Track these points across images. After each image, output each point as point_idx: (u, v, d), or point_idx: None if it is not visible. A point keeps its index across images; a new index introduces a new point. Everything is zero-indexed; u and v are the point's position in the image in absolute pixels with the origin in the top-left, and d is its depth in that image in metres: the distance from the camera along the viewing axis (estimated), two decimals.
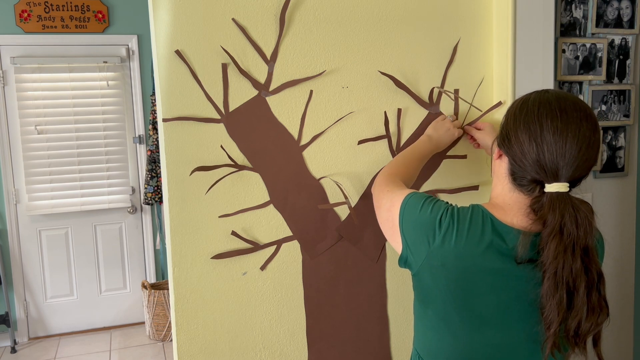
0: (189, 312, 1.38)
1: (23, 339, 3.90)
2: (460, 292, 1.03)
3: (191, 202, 1.36)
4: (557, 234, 0.93)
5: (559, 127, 0.95)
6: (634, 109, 1.89)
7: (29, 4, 3.70)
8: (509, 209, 1.03)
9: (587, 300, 0.95)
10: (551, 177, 0.96)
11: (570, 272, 0.93)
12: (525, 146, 0.97)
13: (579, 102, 0.99)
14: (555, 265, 0.93)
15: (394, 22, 1.47)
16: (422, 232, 1.04)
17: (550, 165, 0.95)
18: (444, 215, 1.03)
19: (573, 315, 0.95)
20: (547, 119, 0.96)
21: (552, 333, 0.94)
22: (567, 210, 0.94)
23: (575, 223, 0.94)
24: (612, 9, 1.81)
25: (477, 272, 1.00)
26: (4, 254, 3.83)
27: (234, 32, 1.35)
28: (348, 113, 1.46)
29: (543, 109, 0.97)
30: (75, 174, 3.88)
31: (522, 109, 1.00)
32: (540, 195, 0.98)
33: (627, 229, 1.94)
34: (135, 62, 3.93)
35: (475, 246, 1.00)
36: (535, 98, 1.01)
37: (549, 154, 0.95)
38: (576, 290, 0.94)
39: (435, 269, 1.04)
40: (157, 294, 3.75)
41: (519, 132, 0.98)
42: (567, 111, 0.96)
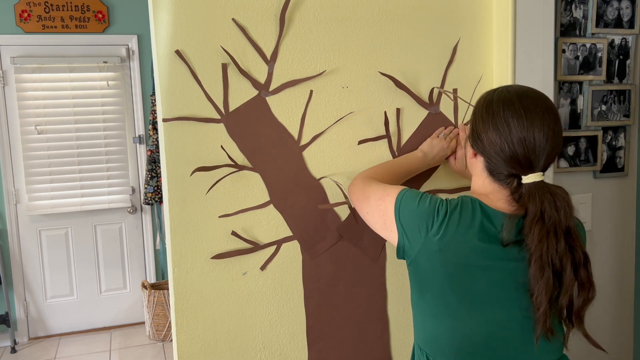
0: (189, 312, 1.38)
1: (23, 339, 3.90)
2: (457, 273, 1.07)
3: (191, 202, 1.36)
4: (539, 220, 1.00)
5: (525, 124, 1.03)
6: (634, 109, 1.89)
7: (29, 4, 3.70)
8: (493, 197, 1.10)
9: (576, 277, 1.02)
10: (526, 170, 1.04)
11: (556, 253, 1.00)
12: (498, 146, 1.05)
13: (539, 97, 1.07)
14: (540, 249, 0.99)
15: (394, 22, 1.47)
16: (421, 220, 1.09)
17: (523, 159, 1.04)
18: (441, 205, 1.09)
19: (563, 293, 1.01)
20: (513, 118, 1.04)
21: (542, 313, 1.00)
22: (545, 196, 1.01)
23: (555, 207, 1.01)
24: (612, 9, 1.81)
25: (471, 254, 1.06)
26: (4, 254, 3.83)
27: (234, 32, 1.35)
28: (348, 113, 1.46)
29: (508, 109, 1.05)
30: (75, 174, 3.88)
31: (489, 111, 1.08)
32: (518, 186, 1.05)
33: (627, 229, 1.94)
34: (135, 62, 3.94)
35: (468, 229, 1.06)
36: (498, 99, 1.08)
37: (521, 149, 1.03)
38: (563, 269, 1.00)
39: (432, 254, 1.08)
40: (157, 294, 3.75)
41: (489, 133, 1.06)
42: (529, 108, 1.04)
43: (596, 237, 1.90)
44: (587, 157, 1.85)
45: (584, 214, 1.86)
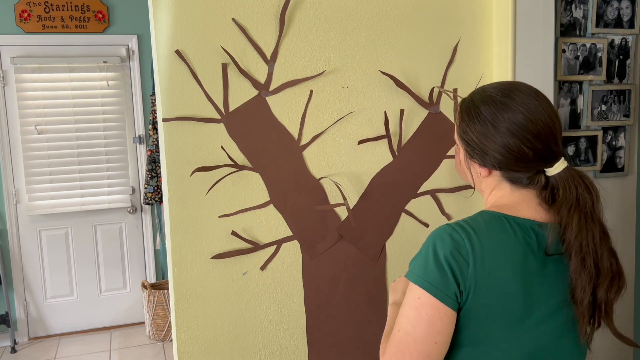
0: (189, 312, 1.38)
1: (23, 339, 3.90)
2: (510, 303, 0.93)
3: (191, 202, 1.36)
4: (576, 207, 0.93)
5: (533, 118, 0.94)
6: (634, 109, 1.89)
7: (29, 4, 3.70)
8: (519, 206, 0.98)
9: (610, 266, 0.95)
10: (551, 160, 0.96)
11: (594, 241, 0.93)
12: (515, 149, 0.94)
13: (520, 85, 0.98)
14: (580, 239, 0.92)
15: (394, 22, 1.47)
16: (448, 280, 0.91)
17: (545, 151, 0.95)
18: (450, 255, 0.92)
19: (602, 284, 0.94)
20: (518, 115, 0.94)
21: (586, 306, 0.93)
22: (576, 181, 0.95)
23: (588, 190, 0.95)
24: (612, 9, 1.81)
25: (516, 277, 0.93)
26: (4, 254, 3.83)
27: (234, 32, 1.35)
28: (348, 113, 1.46)
29: (505, 112, 0.95)
30: (75, 174, 3.88)
31: (484, 124, 0.96)
32: (546, 182, 0.97)
33: (627, 229, 1.94)
34: (135, 62, 3.93)
35: (504, 251, 0.93)
36: (485, 107, 0.96)
37: (539, 143, 0.94)
38: (600, 258, 0.94)
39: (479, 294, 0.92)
40: (157, 294, 3.75)
41: (499, 143, 0.94)
42: (523, 100, 0.95)
43: None
44: (587, 157, 1.85)
45: None
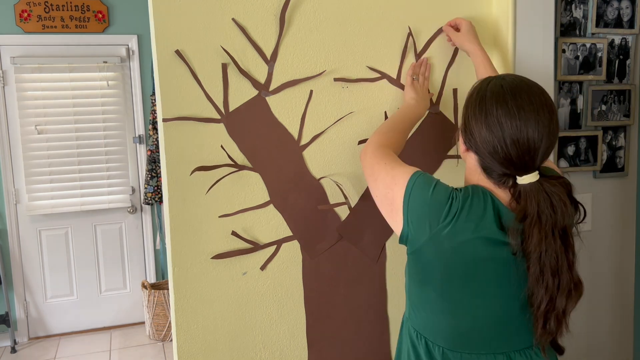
0: (189, 312, 1.38)
1: (23, 339, 3.90)
2: (463, 267, 1.06)
3: (191, 202, 1.36)
4: (537, 222, 0.99)
5: (518, 125, 0.98)
6: (634, 109, 1.89)
7: (29, 4, 3.70)
8: (494, 191, 1.07)
9: (571, 278, 1.01)
10: (521, 171, 1.01)
11: (553, 255, 0.99)
12: (491, 146, 1.01)
13: (534, 91, 1.03)
14: (538, 251, 0.98)
15: (394, 22, 1.47)
16: (432, 213, 1.05)
17: (517, 161, 1.00)
18: (455, 198, 1.04)
19: (561, 294, 1.00)
20: (507, 119, 0.99)
21: (542, 312, 1.00)
22: (541, 197, 0.99)
23: (552, 207, 0.99)
24: (612, 9, 1.81)
25: (480, 248, 1.03)
26: (4, 254, 3.83)
27: (234, 32, 1.35)
28: (348, 113, 1.46)
29: (500, 107, 1.00)
30: (75, 174, 3.88)
31: (481, 108, 1.03)
32: (513, 186, 1.03)
33: (627, 229, 1.94)
34: (135, 62, 3.93)
35: (478, 222, 1.03)
36: (491, 95, 1.02)
37: (514, 151, 0.99)
38: (559, 270, 1.00)
39: (439, 248, 1.05)
40: (157, 294, 3.75)
41: (482, 131, 1.02)
42: (523, 107, 0.99)
43: (596, 237, 1.90)
44: (587, 157, 1.85)
45: None
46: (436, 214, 1.04)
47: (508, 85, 1.03)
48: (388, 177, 1.13)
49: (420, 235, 1.06)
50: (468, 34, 1.44)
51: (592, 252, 1.89)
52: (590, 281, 1.91)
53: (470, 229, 1.02)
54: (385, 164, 1.16)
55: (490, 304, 1.08)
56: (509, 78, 1.06)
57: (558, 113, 1.78)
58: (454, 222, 1.03)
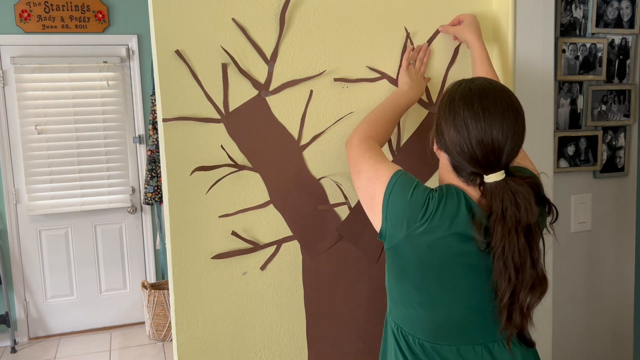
0: (189, 312, 1.38)
1: (23, 339, 3.90)
2: (439, 264, 1.10)
3: (191, 202, 1.36)
4: (501, 219, 1.03)
5: (483, 126, 1.04)
6: (634, 109, 1.89)
7: (29, 4, 3.70)
8: (465, 189, 1.11)
9: (534, 273, 1.05)
10: (487, 170, 1.06)
11: (517, 251, 1.03)
12: (458, 146, 1.06)
13: (501, 95, 1.07)
14: (502, 246, 1.03)
15: (394, 22, 1.47)
16: (410, 213, 1.09)
17: (483, 161, 1.05)
18: (431, 198, 1.09)
19: (524, 288, 1.05)
20: (472, 120, 1.04)
21: (505, 305, 1.05)
22: (506, 195, 1.04)
23: (516, 205, 1.03)
24: (612, 9, 1.81)
25: (454, 244, 1.08)
26: (4, 254, 3.83)
27: (234, 32, 1.35)
28: (348, 113, 1.46)
29: (467, 109, 1.05)
30: (75, 174, 3.88)
31: (450, 109, 1.08)
32: (482, 184, 1.07)
33: (627, 229, 1.94)
34: (135, 62, 3.94)
35: (452, 219, 1.07)
36: (460, 97, 1.08)
37: (479, 151, 1.04)
38: (523, 266, 1.04)
39: (415, 244, 1.09)
40: (157, 294, 3.75)
41: (450, 132, 1.07)
42: (489, 108, 1.05)
43: (596, 237, 1.90)
44: (587, 157, 1.85)
45: (584, 214, 1.86)
46: (414, 214, 1.09)
47: (476, 88, 1.08)
48: (371, 170, 1.18)
49: (397, 233, 1.11)
50: (470, 25, 1.46)
51: (592, 252, 1.89)
52: (590, 281, 1.91)
53: (444, 226, 1.07)
54: (369, 157, 1.21)
55: (464, 296, 1.12)
56: (478, 81, 1.11)
57: (559, 113, 1.79)
58: (430, 221, 1.08)
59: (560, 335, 1.82)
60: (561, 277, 1.84)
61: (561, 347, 1.84)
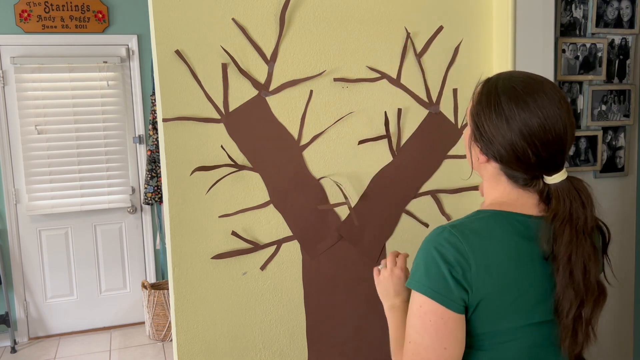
0: (189, 312, 1.38)
1: (23, 339, 3.90)
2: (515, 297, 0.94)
3: (191, 202, 1.36)
4: (568, 221, 0.92)
5: (546, 126, 0.92)
6: (634, 109, 1.89)
7: (29, 4, 3.70)
8: (517, 203, 0.98)
9: (597, 283, 0.94)
10: (551, 170, 0.95)
11: (584, 256, 0.92)
12: (520, 150, 0.93)
13: (546, 84, 0.96)
14: (568, 252, 0.92)
15: (395, 22, 1.47)
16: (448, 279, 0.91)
17: (549, 161, 0.94)
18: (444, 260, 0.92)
19: (588, 301, 0.93)
20: (526, 112, 0.92)
21: (570, 320, 0.93)
22: (572, 195, 0.94)
23: (582, 205, 0.94)
24: (612, 9, 1.81)
25: (517, 272, 0.94)
26: (4, 254, 3.83)
27: (234, 32, 1.35)
28: (348, 113, 1.46)
29: (522, 109, 0.93)
30: (75, 174, 3.88)
31: (499, 113, 0.94)
32: (543, 187, 0.96)
33: (627, 229, 1.94)
34: (135, 62, 3.93)
35: (506, 248, 0.93)
36: (507, 99, 0.94)
37: (545, 152, 0.93)
38: (588, 274, 0.93)
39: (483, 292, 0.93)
40: (157, 294, 3.75)
41: (507, 136, 0.93)
42: (544, 105, 0.92)
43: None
44: (587, 157, 1.85)
45: None
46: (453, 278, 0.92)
47: (519, 84, 0.95)
48: (418, 326, 0.94)
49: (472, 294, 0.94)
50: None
51: None
52: None
53: (500, 254, 0.94)
54: (408, 342, 0.96)
55: (543, 325, 0.99)
56: (517, 76, 0.98)
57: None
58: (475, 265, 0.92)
59: None
60: None
61: None
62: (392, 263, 1.15)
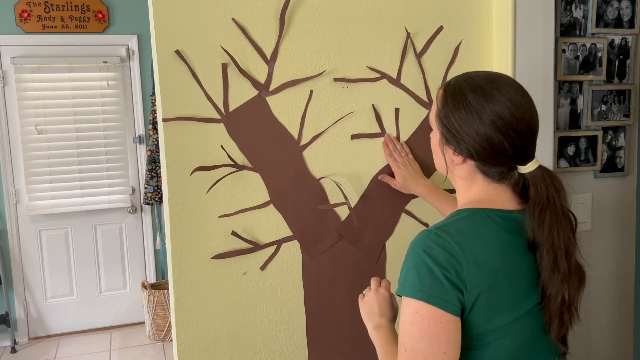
0: (189, 312, 1.38)
1: (23, 339, 3.90)
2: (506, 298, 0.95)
3: (191, 202, 1.36)
4: (547, 206, 0.95)
5: (517, 115, 0.94)
6: (634, 109, 1.89)
7: (29, 4, 3.70)
8: (495, 198, 1.00)
9: (578, 264, 0.97)
10: (526, 159, 0.97)
11: (566, 239, 0.95)
12: (498, 144, 0.94)
13: (506, 78, 0.99)
14: (551, 237, 0.93)
15: (395, 22, 1.47)
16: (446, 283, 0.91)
17: (523, 149, 0.96)
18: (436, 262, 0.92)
19: (572, 283, 0.95)
20: (506, 109, 0.94)
21: (559, 305, 0.95)
22: (547, 181, 0.97)
23: (556, 190, 0.97)
24: (612, 9, 1.81)
25: (501, 266, 0.94)
26: (4, 254, 3.83)
27: (234, 32, 1.35)
28: (348, 113, 1.46)
29: (492, 104, 0.94)
30: (75, 174, 3.88)
31: (470, 111, 0.95)
32: (518, 178, 0.98)
33: (627, 229, 1.94)
34: (135, 62, 3.94)
35: (493, 244, 0.94)
36: (474, 96, 0.96)
37: (519, 141, 0.95)
38: (570, 256, 0.95)
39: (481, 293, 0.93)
40: (157, 294, 3.75)
41: (481, 134, 0.95)
42: (514, 99, 0.95)
43: (596, 237, 1.90)
44: (587, 157, 1.85)
45: (584, 214, 1.86)
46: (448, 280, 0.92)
47: (482, 80, 0.97)
48: (415, 333, 0.93)
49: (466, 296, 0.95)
50: (410, 178, 1.41)
51: (592, 252, 1.89)
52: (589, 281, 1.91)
53: (484, 255, 0.96)
54: (404, 351, 0.94)
55: (533, 318, 1.01)
56: (477, 74, 1.00)
57: (559, 113, 1.79)
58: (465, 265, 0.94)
59: None
60: None
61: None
62: (376, 284, 1.16)
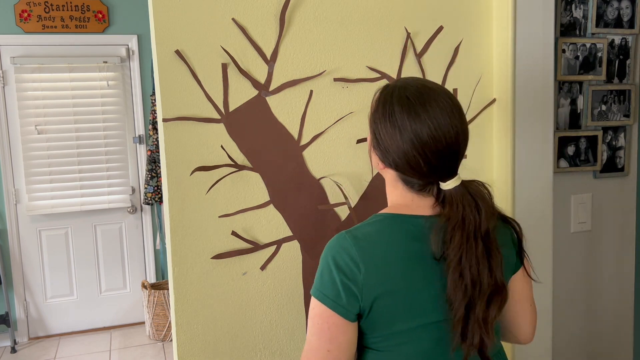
0: (189, 312, 1.38)
1: (23, 339, 3.90)
2: (400, 299, 0.98)
3: (191, 202, 1.36)
4: (460, 226, 0.96)
5: (435, 136, 0.96)
6: (634, 109, 1.89)
7: (29, 4, 3.70)
8: (414, 204, 1.03)
9: (489, 283, 0.97)
10: (445, 177, 0.99)
11: (474, 259, 0.95)
12: (414, 161, 0.97)
13: (441, 94, 0.99)
14: (458, 255, 0.95)
15: (395, 22, 1.47)
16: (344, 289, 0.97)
17: (441, 168, 0.98)
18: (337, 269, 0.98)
19: (480, 300, 0.96)
20: (421, 127, 0.96)
21: (458, 320, 0.96)
22: (465, 200, 0.97)
23: (477, 209, 0.97)
24: (612, 9, 1.81)
25: (406, 273, 0.98)
26: (4, 254, 3.83)
27: (234, 32, 1.35)
28: (348, 113, 1.46)
29: (413, 120, 0.97)
30: (75, 174, 3.88)
31: (393, 123, 0.98)
32: (438, 192, 1.00)
33: (627, 229, 1.94)
34: (135, 62, 3.94)
35: (392, 250, 0.98)
36: (400, 109, 0.98)
37: (436, 160, 0.97)
38: (480, 274, 0.96)
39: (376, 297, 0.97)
40: (157, 294, 3.75)
41: (400, 147, 0.98)
42: (436, 114, 0.96)
43: (596, 237, 1.90)
44: (587, 157, 1.85)
45: (584, 214, 1.86)
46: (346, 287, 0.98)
47: (413, 94, 0.99)
48: (310, 327, 1.01)
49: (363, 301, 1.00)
50: None
51: (592, 252, 1.89)
52: (589, 281, 1.91)
53: (385, 263, 0.99)
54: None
55: (433, 323, 1.02)
56: (412, 85, 1.01)
57: (559, 113, 1.79)
58: (365, 272, 0.98)
59: (559, 336, 1.82)
60: (561, 277, 1.84)
61: (561, 347, 1.84)
62: None
